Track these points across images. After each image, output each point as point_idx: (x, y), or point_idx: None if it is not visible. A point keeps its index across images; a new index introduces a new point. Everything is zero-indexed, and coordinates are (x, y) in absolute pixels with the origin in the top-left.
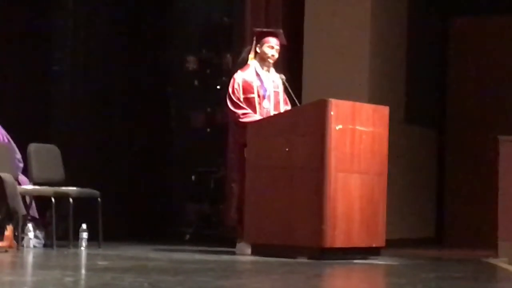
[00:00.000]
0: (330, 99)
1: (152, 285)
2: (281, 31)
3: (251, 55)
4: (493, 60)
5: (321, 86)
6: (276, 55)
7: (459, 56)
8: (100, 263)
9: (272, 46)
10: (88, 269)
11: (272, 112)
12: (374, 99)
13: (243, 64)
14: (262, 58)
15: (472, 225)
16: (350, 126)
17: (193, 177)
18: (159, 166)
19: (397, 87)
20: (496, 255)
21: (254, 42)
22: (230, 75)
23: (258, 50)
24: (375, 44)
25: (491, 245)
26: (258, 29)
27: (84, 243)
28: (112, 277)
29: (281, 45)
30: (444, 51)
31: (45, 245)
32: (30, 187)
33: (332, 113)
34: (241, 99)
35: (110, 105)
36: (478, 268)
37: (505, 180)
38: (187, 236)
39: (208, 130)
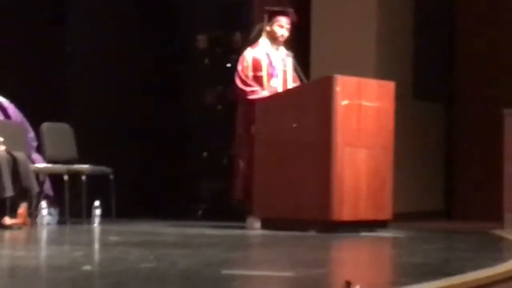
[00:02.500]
0: (336, 75)
1: (158, 258)
2: (291, 10)
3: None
4: (501, 34)
5: (329, 62)
6: (286, 34)
7: (466, 32)
8: (111, 238)
9: (282, 26)
10: (98, 244)
11: (280, 90)
12: (381, 75)
13: (253, 42)
14: (272, 37)
15: (481, 198)
16: (356, 102)
17: (205, 154)
18: (172, 143)
19: (404, 62)
20: (502, 227)
21: (266, 20)
22: (239, 53)
23: (268, 28)
24: (382, 19)
25: (500, 217)
26: (269, 8)
27: (97, 220)
28: (121, 250)
29: (292, 23)
30: (452, 26)
31: (59, 222)
32: (43, 165)
33: (338, 89)
34: (250, 77)
35: (122, 83)
36: (482, 239)
37: (509, 154)
38: (200, 212)
39: (220, 107)
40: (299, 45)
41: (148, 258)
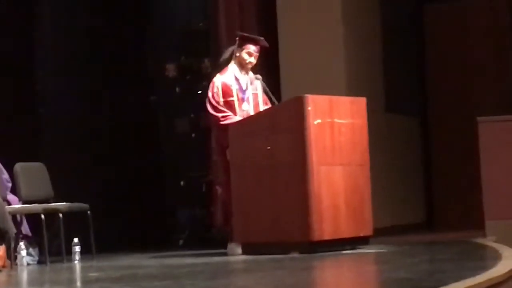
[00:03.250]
0: (307, 95)
1: None
2: (262, 38)
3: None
4: (469, 44)
5: (299, 82)
6: (254, 62)
7: (436, 42)
8: (91, 274)
9: (251, 53)
10: (79, 282)
11: (252, 114)
12: (352, 91)
13: (224, 64)
14: (240, 63)
15: (461, 207)
16: (329, 120)
17: (182, 183)
18: (149, 173)
19: (375, 76)
20: (484, 235)
21: (236, 44)
22: (209, 79)
23: (237, 54)
24: (349, 36)
25: (481, 226)
26: (240, 33)
27: (77, 257)
28: (101, 286)
29: (263, 48)
30: (420, 37)
31: (39, 262)
32: (19, 205)
33: (309, 108)
34: (221, 103)
35: (94, 118)
36: (464, 248)
37: (486, 161)
38: (181, 242)
39: (193, 135)
40: (268, 67)
41: None
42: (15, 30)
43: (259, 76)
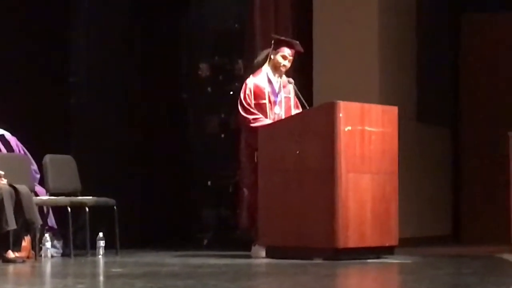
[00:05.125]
0: (339, 101)
1: None
2: (297, 42)
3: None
4: (505, 56)
5: (332, 88)
6: (288, 65)
7: (471, 53)
8: (114, 270)
9: (285, 56)
10: (101, 276)
11: (283, 117)
12: (385, 99)
13: (258, 66)
14: (274, 66)
15: (489, 222)
16: (359, 127)
17: (209, 183)
18: (176, 172)
19: (408, 85)
20: (510, 250)
21: (272, 47)
22: (242, 80)
23: (272, 56)
24: (384, 43)
25: (508, 241)
26: (276, 36)
27: (101, 251)
28: (124, 282)
29: (298, 53)
30: (456, 47)
31: (63, 255)
32: (46, 197)
33: (340, 115)
34: (252, 105)
35: (125, 114)
36: (489, 263)
37: None
38: (205, 241)
39: (223, 135)
40: (302, 72)
41: None
42: (52, 26)
43: (291, 80)
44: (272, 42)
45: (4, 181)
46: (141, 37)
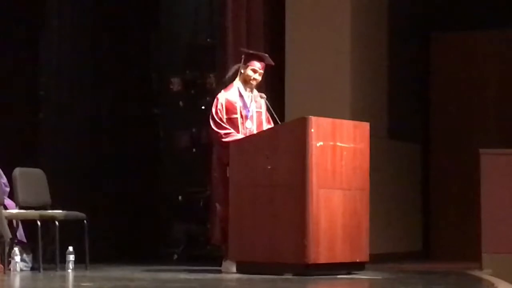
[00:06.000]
0: (310, 116)
1: None
2: (267, 55)
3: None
4: (474, 74)
5: (303, 104)
6: (259, 79)
7: (441, 70)
8: (84, 284)
9: (255, 70)
10: None
11: (255, 132)
12: (356, 115)
13: (229, 81)
14: (244, 80)
15: (458, 238)
16: (331, 143)
17: (180, 197)
18: (147, 186)
19: (379, 102)
20: (480, 267)
21: (242, 62)
22: (214, 95)
23: (242, 71)
24: (356, 60)
25: (478, 258)
26: (245, 50)
27: (71, 266)
28: None
29: (268, 66)
30: (426, 65)
31: (32, 269)
32: (16, 211)
33: (312, 130)
34: (224, 120)
35: (95, 128)
36: (459, 280)
37: (486, 193)
38: (175, 256)
39: (194, 150)
40: (273, 87)
41: None
42: (21, 40)
43: (263, 94)
44: (242, 56)
45: None
46: (112, 51)
